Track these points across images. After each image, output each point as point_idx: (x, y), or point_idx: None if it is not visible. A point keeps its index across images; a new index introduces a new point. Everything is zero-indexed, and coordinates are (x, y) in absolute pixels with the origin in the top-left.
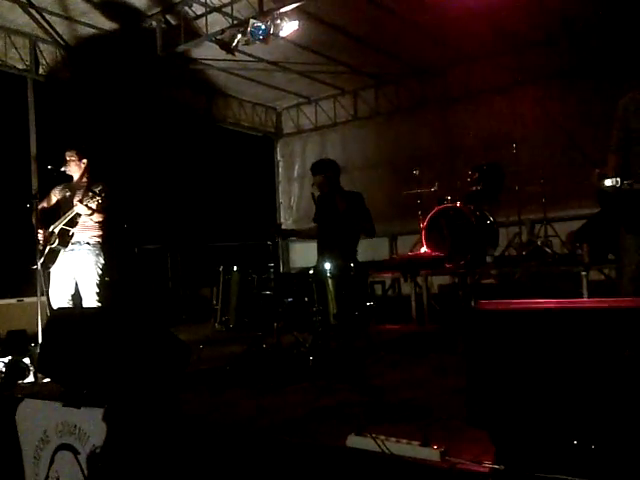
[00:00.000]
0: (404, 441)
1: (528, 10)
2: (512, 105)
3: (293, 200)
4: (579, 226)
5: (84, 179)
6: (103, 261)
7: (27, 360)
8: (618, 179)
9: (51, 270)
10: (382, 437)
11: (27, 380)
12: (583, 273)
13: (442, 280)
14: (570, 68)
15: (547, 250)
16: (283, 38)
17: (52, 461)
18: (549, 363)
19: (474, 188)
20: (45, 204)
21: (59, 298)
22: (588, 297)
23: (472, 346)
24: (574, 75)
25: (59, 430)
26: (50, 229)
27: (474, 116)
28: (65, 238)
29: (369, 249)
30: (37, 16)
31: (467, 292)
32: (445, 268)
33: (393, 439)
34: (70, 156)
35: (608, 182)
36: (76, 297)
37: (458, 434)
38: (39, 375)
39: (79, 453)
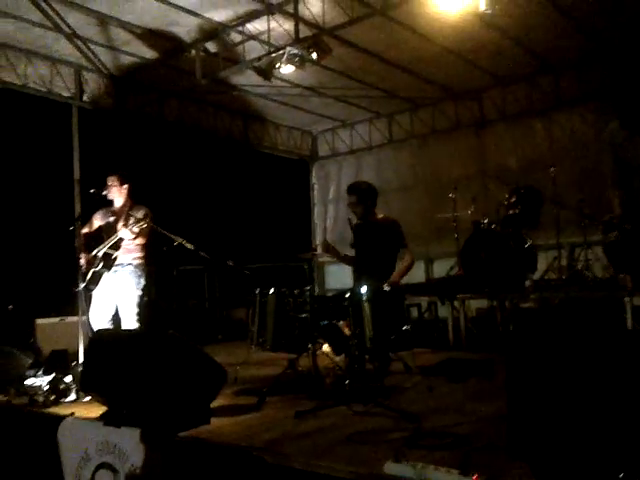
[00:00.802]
0: (443, 469)
1: (562, 31)
2: (549, 128)
3: (328, 222)
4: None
5: (126, 204)
6: (144, 282)
7: (69, 379)
8: (617, 232)
9: (93, 292)
10: (420, 464)
11: (69, 399)
12: (626, 299)
13: (480, 304)
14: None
15: (588, 274)
16: (319, 64)
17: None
18: (598, 392)
19: (512, 211)
20: (87, 229)
21: (99, 318)
22: (632, 324)
23: (513, 371)
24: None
25: (99, 449)
26: (94, 253)
27: (510, 139)
28: (108, 262)
29: None
30: (82, 46)
31: (505, 316)
32: (483, 292)
33: (432, 467)
34: (112, 181)
35: (611, 236)
36: (116, 318)
37: (498, 463)
38: (81, 394)
39: (118, 472)
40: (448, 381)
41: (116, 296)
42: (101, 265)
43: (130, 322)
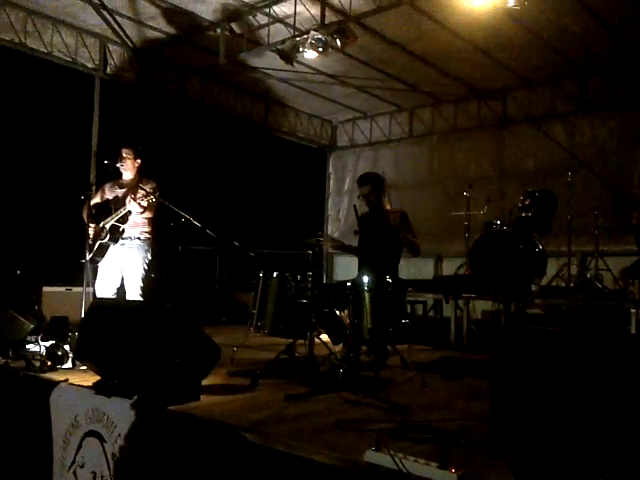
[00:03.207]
0: (422, 461)
1: (593, 34)
2: (570, 133)
3: (342, 213)
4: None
5: (135, 177)
6: (150, 257)
7: (67, 347)
8: None
9: (99, 264)
10: (400, 455)
11: (65, 366)
12: (632, 310)
13: (485, 306)
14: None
15: (597, 284)
16: (343, 52)
17: (80, 446)
18: (582, 394)
19: (524, 214)
20: (97, 200)
21: (105, 290)
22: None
23: (501, 369)
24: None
25: (89, 417)
26: (101, 225)
27: (531, 141)
28: (115, 234)
29: (414, 268)
30: (108, 17)
31: (510, 320)
32: (488, 293)
33: (411, 458)
34: (127, 153)
35: None
36: (121, 291)
37: (478, 460)
38: (77, 362)
39: (105, 441)
40: (443, 378)
41: (122, 269)
42: (108, 237)
43: (134, 296)
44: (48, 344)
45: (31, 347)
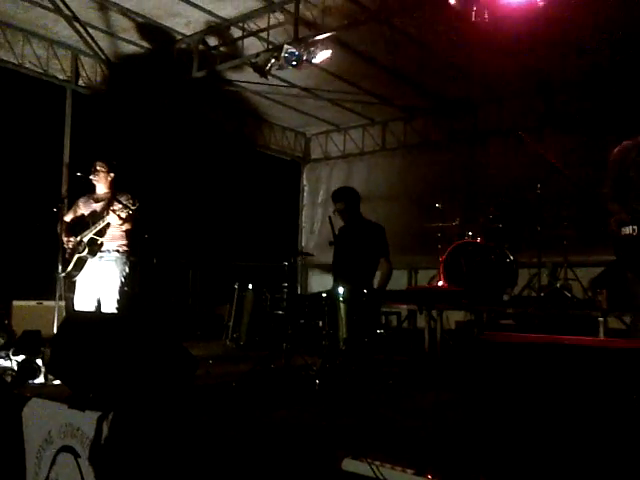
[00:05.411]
0: (399, 468)
1: (559, 52)
2: (540, 146)
3: (316, 225)
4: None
5: (109, 191)
6: (128, 270)
7: (39, 361)
8: (635, 227)
9: (77, 278)
10: (377, 463)
11: (37, 380)
12: (600, 319)
13: (458, 316)
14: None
15: (566, 294)
16: (316, 65)
17: (53, 462)
18: (550, 403)
19: (496, 225)
20: (71, 215)
21: (84, 304)
22: None
23: (473, 378)
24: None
25: (63, 432)
26: (79, 238)
27: (501, 154)
28: (94, 248)
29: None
30: (81, 29)
31: (482, 330)
32: (460, 303)
33: (388, 465)
34: (101, 167)
35: (626, 230)
36: (100, 304)
37: (454, 467)
38: (49, 376)
39: (80, 456)
40: (418, 387)
41: (100, 282)
42: (86, 251)
43: (110, 309)
44: (19, 358)
45: (1, 362)
